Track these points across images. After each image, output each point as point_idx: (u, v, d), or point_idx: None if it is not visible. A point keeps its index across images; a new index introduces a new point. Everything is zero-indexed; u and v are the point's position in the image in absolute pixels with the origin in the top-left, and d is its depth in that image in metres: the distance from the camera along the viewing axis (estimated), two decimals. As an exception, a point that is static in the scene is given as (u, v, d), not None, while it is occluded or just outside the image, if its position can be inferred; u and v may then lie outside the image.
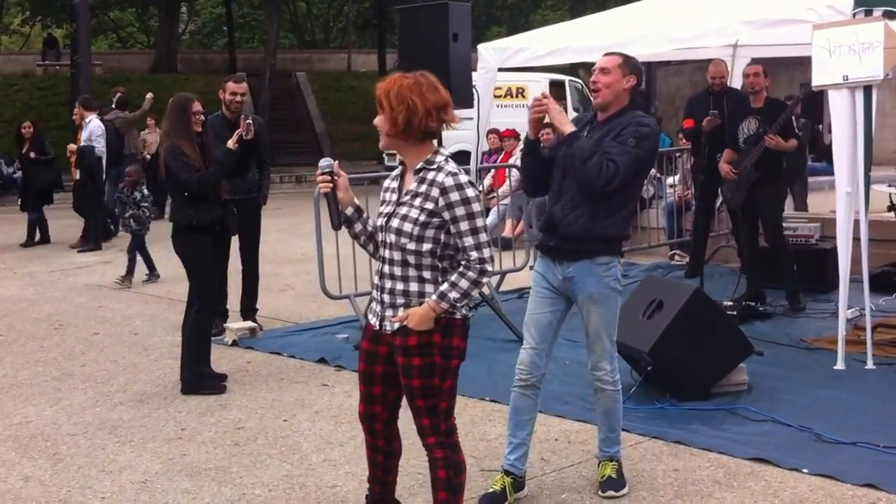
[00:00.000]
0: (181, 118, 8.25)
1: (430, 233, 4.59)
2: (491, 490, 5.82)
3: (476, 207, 4.59)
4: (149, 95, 22.00)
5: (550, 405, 7.57)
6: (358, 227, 4.93)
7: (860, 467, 6.15)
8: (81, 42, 28.64)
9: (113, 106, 22.23)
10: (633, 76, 5.83)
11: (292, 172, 34.97)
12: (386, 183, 4.90)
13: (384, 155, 29.56)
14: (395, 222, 4.65)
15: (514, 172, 14.65)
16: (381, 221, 4.78)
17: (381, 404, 4.95)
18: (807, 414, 7.18)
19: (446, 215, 4.57)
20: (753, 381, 7.87)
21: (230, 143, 8.62)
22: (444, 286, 4.60)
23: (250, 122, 8.82)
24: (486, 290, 10.93)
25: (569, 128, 5.71)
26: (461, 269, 4.62)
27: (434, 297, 4.60)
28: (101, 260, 16.57)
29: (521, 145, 17.29)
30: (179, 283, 8.59)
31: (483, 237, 4.62)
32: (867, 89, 8.11)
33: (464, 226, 4.57)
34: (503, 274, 12.05)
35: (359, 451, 6.65)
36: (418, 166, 4.68)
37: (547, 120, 5.76)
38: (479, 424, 7.30)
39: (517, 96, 27.30)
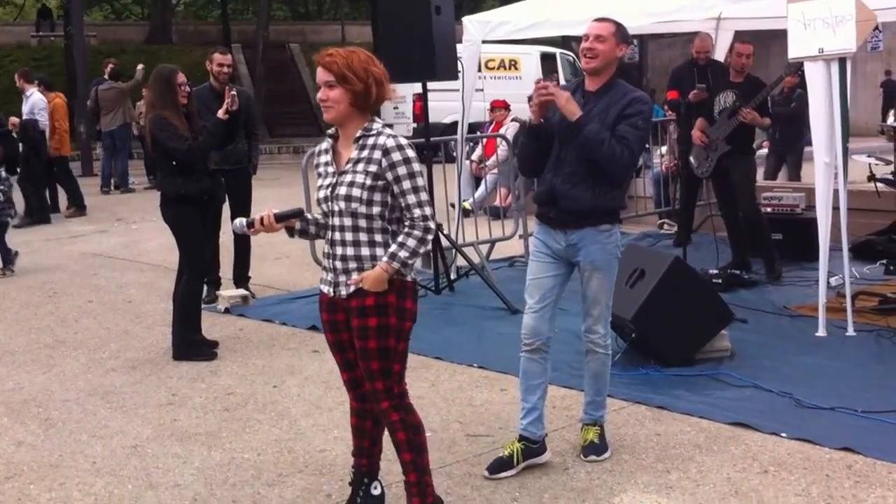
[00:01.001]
0: (166, 89, 8.32)
1: (377, 196, 4.71)
2: (500, 455, 5.88)
3: (416, 167, 4.72)
4: (139, 67, 22.06)
5: (536, 371, 7.70)
6: (312, 229, 5.04)
7: (838, 432, 6.24)
8: (74, 13, 28.59)
9: (106, 77, 22.34)
10: (624, 44, 5.87)
11: (290, 143, 35.03)
12: (319, 159, 4.98)
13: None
14: (342, 189, 4.74)
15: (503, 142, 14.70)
16: (323, 194, 4.86)
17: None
18: (787, 380, 7.27)
19: (389, 176, 4.69)
20: (736, 348, 7.95)
21: (220, 114, 8.71)
22: (393, 247, 4.72)
23: (234, 93, 8.90)
24: (476, 258, 11.05)
25: (578, 114, 5.67)
26: (406, 229, 4.75)
27: (385, 258, 4.71)
28: (97, 229, 16.64)
29: (511, 116, 17.45)
30: (174, 252, 8.69)
31: (423, 196, 4.75)
32: (842, 61, 8.18)
33: (406, 185, 4.69)
34: (493, 242, 12.14)
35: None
36: (357, 135, 4.78)
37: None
38: (466, 390, 7.40)
39: (510, 68, 27.44)
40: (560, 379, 7.49)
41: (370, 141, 4.76)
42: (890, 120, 17.44)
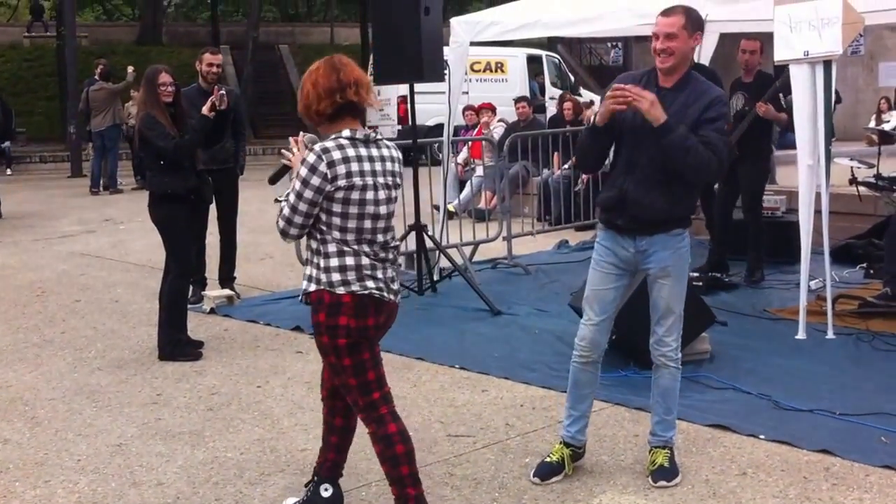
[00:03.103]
0: (150, 89, 8.42)
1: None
2: (547, 460, 5.82)
3: (296, 184, 4.78)
4: (129, 69, 22.10)
5: (517, 372, 7.75)
6: None
7: (816, 434, 6.28)
8: (66, 14, 28.68)
9: (97, 77, 22.39)
10: (698, 32, 5.51)
11: (275, 144, 34.87)
12: None
13: (367, 128, 29.67)
14: None
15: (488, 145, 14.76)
16: None
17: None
18: (767, 382, 7.32)
19: None
20: (716, 350, 8.01)
21: (204, 110, 8.73)
22: None
23: (223, 92, 8.92)
24: (459, 259, 11.11)
25: (663, 118, 5.30)
26: None
27: None
28: (86, 229, 16.68)
29: (498, 118, 17.53)
30: (161, 252, 8.74)
31: (284, 209, 4.84)
32: (827, 64, 8.22)
33: None
34: (476, 244, 12.19)
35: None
36: None
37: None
38: (448, 391, 7.45)
39: (496, 71, 27.52)
40: (539, 379, 7.57)
41: None
42: (871, 123, 17.51)
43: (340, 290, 4.79)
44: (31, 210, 18.69)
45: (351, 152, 4.78)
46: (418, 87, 10.33)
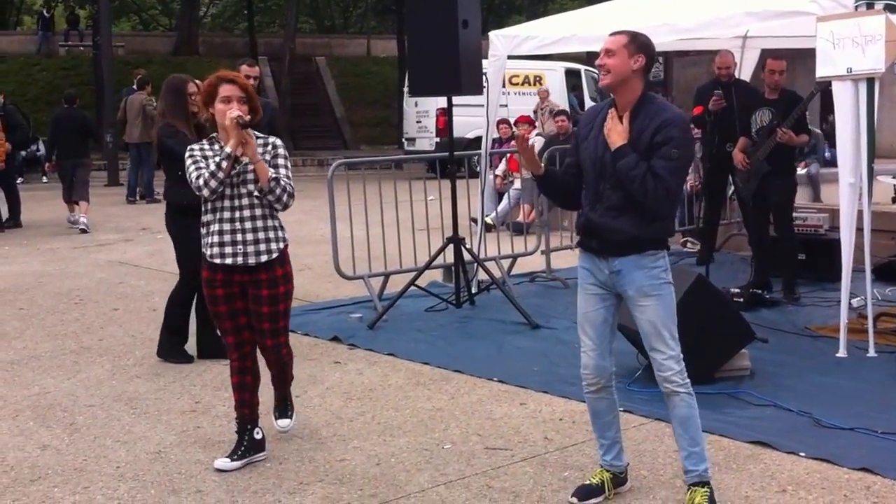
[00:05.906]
0: (178, 99, 8.41)
1: None
2: (588, 482, 5.72)
3: (289, 164, 6.29)
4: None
5: (557, 386, 7.73)
6: None
7: (857, 452, 6.23)
8: (102, 24, 28.91)
9: (135, 87, 22.56)
10: (640, 55, 5.38)
11: (315, 156, 35.15)
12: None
13: (404, 140, 29.79)
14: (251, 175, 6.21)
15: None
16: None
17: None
18: (807, 399, 7.26)
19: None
20: (756, 367, 7.96)
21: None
22: None
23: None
24: (497, 273, 11.09)
25: (618, 143, 5.31)
26: None
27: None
28: (123, 238, 16.79)
29: (536, 132, 17.54)
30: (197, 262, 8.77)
31: (288, 187, 6.21)
32: (870, 81, 8.14)
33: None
34: (515, 258, 12.20)
35: (368, 427, 6.87)
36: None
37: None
38: (486, 404, 7.43)
39: (534, 84, 27.56)
40: (578, 394, 7.38)
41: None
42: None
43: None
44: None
45: None
46: (458, 99, 10.34)
